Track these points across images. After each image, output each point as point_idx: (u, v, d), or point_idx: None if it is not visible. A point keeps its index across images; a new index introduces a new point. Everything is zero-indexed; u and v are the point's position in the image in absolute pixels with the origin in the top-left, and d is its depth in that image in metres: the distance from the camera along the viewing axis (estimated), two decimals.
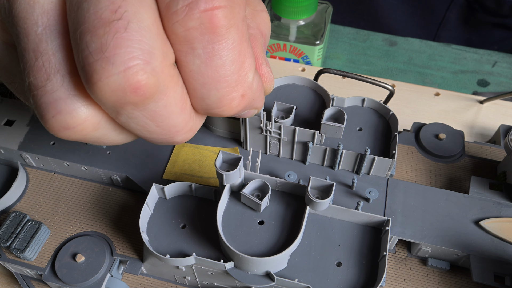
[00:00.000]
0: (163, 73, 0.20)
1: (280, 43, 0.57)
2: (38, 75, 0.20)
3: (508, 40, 0.68)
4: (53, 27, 0.20)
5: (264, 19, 0.27)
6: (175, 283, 0.37)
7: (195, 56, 0.20)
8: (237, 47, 0.21)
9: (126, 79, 0.19)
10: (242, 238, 0.30)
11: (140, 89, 0.19)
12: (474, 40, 0.70)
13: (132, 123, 0.21)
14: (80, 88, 0.20)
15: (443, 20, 0.69)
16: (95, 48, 0.18)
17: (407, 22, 0.70)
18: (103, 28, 0.18)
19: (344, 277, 0.30)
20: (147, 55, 0.19)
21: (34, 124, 0.41)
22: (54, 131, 0.21)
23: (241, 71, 0.22)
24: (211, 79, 0.21)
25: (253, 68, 0.23)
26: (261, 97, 0.25)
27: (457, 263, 0.35)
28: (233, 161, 0.30)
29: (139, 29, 0.19)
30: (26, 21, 0.20)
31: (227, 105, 0.22)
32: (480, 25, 0.68)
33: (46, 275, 0.34)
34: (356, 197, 0.36)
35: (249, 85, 0.23)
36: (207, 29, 0.19)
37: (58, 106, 0.20)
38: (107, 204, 0.39)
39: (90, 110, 0.21)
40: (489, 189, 0.36)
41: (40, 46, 0.20)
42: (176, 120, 0.22)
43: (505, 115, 0.51)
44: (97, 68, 0.18)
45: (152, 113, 0.21)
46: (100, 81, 0.19)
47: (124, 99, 0.19)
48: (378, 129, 0.38)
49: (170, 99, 0.21)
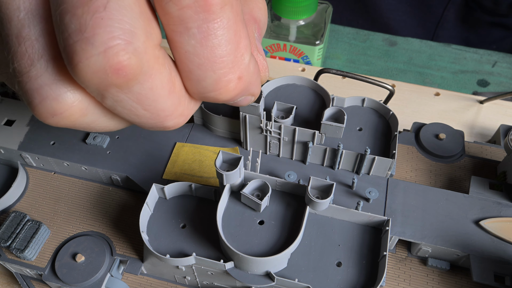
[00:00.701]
0: (147, 54, 0.19)
1: (280, 43, 0.57)
2: (22, 61, 0.20)
3: (506, 39, 0.68)
4: (35, 11, 0.19)
5: (258, 4, 0.27)
6: (175, 283, 0.37)
7: (190, 36, 0.20)
8: (232, 26, 0.20)
9: (106, 59, 0.18)
10: (242, 238, 0.30)
11: (122, 70, 0.18)
12: (473, 39, 0.70)
13: (119, 106, 0.21)
14: (65, 73, 0.20)
15: (441, 19, 0.69)
16: (74, 28, 0.18)
17: (406, 21, 0.70)
18: (82, 7, 0.18)
19: (344, 277, 0.30)
20: (128, 35, 0.18)
21: (34, 124, 0.41)
22: (42, 117, 0.21)
23: (237, 51, 0.21)
24: (207, 60, 0.20)
25: (249, 49, 0.22)
26: (258, 82, 0.24)
27: (457, 263, 0.35)
28: (233, 161, 0.30)
29: (119, 8, 0.18)
30: (8, 6, 0.19)
31: (224, 88, 0.22)
32: (478, 24, 0.68)
33: (46, 275, 0.34)
34: (356, 197, 0.36)
35: (245, 67, 0.22)
36: (202, 7, 0.19)
37: (44, 92, 0.20)
38: (107, 204, 0.39)
39: (77, 95, 0.20)
40: (489, 189, 0.36)
41: (23, 31, 0.19)
42: (164, 104, 0.21)
43: (505, 115, 0.51)
44: (77, 49, 0.18)
45: (138, 95, 0.20)
46: (81, 63, 0.18)
47: (106, 80, 0.19)
48: (378, 129, 0.38)
49: (156, 81, 0.20)
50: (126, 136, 0.40)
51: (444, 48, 0.65)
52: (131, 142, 0.40)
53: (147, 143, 0.40)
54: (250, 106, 0.34)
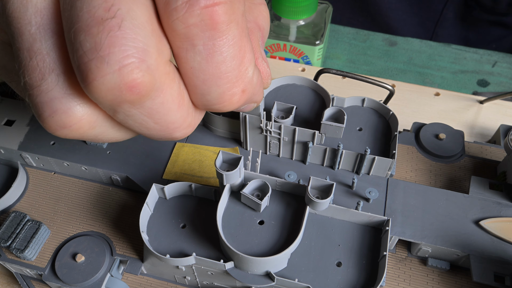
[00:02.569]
0: (159, 70, 0.20)
1: (280, 43, 0.57)
2: (33, 75, 0.20)
3: (506, 38, 0.68)
4: (47, 26, 0.20)
5: (262, 12, 0.27)
6: (175, 283, 0.37)
7: (196, 53, 0.20)
8: (238, 43, 0.21)
9: (121, 77, 0.18)
10: (242, 238, 0.30)
11: (135, 87, 0.19)
12: (472, 38, 0.70)
13: (130, 120, 0.21)
14: (76, 87, 0.20)
15: (440, 18, 0.69)
16: (89, 47, 0.18)
17: (405, 20, 0.70)
18: (97, 27, 0.18)
19: (344, 277, 0.30)
20: (142, 53, 0.19)
21: (34, 124, 0.41)
22: (51, 130, 0.21)
23: (242, 66, 0.22)
24: (212, 76, 0.21)
25: (253, 62, 0.22)
26: (261, 91, 0.25)
27: (457, 263, 0.35)
28: (233, 161, 0.30)
29: (133, 27, 0.18)
30: (20, 20, 0.20)
31: (228, 101, 0.22)
32: (477, 23, 0.68)
33: (46, 275, 0.34)
34: (356, 197, 0.36)
35: (249, 80, 0.22)
36: (208, 25, 0.19)
37: (54, 106, 0.20)
38: (107, 204, 0.39)
39: (86, 109, 0.21)
40: (489, 189, 0.36)
41: (34, 45, 0.20)
42: (174, 117, 0.22)
43: (505, 115, 0.51)
44: (92, 67, 0.18)
45: (150, 110, 0.21)
46: (96, 81, 0.19)
47: (120, 97, 0.19)
48: (378, 129, 0.38)
49: (167, 96, 0.21)
50: None
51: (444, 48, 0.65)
52: (131, 142, 0.40)
53: (147, 143, 0.40)
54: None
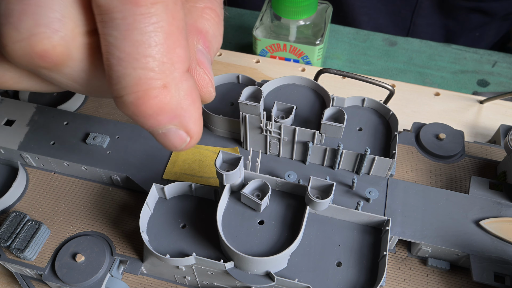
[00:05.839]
0: (76, 41, 0.19)
1: (280, 43, 0.57)
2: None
3: (488, 25, 0.67)
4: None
5: (204, 15, 0.25)
6: (175, 283, 0.37)
7: (113, 27, 0.19)
8: (165, 29, 0.19)
9: (31, 46, 0.18)
10: (242, 238, 0.30)
11: (47, 57, 0.19)
12: (452, 27, 0.69)
13: (54, 81, 0.21)
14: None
15: (416, 6, 0.67)
16: (2, 12, 0.18)
17: (380, 9, 0.68)
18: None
19: (344, 277, 0.30)
20: (57, 23, 0.18)
21: (34, 124, 0.41)
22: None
23: (167, 57, 0.19)
24: (127, 55, 0.19)
25: (185, 63, 0.20)
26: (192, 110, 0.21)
27: (457, 263, 0.35)
28: (233, 161, 0.30)
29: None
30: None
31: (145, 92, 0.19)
32: (455, 11, 0.67)
33: (46, 275, 0.34)
34: (356, 197, 0.36)
35: (174, 78, 0.20)
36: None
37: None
38: (107, 204, 0.39)
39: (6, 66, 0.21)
40: (489, 189, 0.36)
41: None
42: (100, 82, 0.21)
43: (505, 115, 0.51)
44: (4, 33, 0.18)
45: (71, 76, 0.21)
46: (7, 46, 0.19)
47: (33, 64, 0.19)
48: (378, 129, 0.38)
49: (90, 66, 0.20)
50: (126, 136, 0.40)
51: (444, 48, 0.65)
52: (131, 142, 0.40)
53: (147, 143, 0.40)
54: (250, 106, 0.34)
